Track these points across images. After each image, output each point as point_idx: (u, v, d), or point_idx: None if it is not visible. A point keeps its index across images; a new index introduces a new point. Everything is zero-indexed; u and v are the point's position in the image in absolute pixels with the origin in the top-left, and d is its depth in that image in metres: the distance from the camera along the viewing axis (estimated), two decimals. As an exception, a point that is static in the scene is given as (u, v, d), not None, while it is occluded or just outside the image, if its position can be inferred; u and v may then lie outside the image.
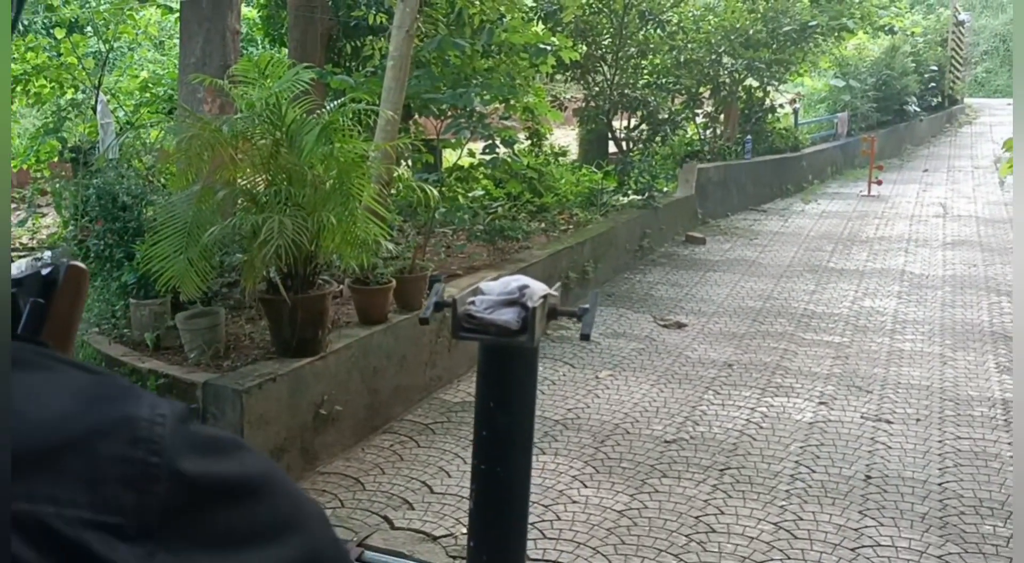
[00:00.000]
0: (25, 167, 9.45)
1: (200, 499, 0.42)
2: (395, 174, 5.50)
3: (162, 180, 5.32)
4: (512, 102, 7.75)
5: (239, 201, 4.48)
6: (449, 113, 7.43)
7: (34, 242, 7.31)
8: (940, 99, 20.95)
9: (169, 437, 0.42)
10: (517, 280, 1.03)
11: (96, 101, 8.56)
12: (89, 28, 9.77)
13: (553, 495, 3.93)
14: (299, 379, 4.13)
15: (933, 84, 19.86)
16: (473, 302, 1.01)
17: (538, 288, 1.03)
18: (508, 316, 0.97)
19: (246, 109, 4.30)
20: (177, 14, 7.68)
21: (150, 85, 10.18)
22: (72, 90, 9.52)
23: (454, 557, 3.48)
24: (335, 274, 4.97)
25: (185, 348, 4.33)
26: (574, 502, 3.88)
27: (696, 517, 3.74)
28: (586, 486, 4.03)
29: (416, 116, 7.58)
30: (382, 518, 3.76)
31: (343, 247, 4.18)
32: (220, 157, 4.16)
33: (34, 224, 6.99)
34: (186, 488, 0.41)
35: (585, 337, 1.05)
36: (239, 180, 4.35)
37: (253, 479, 0.44)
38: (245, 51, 9.62)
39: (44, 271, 0.64)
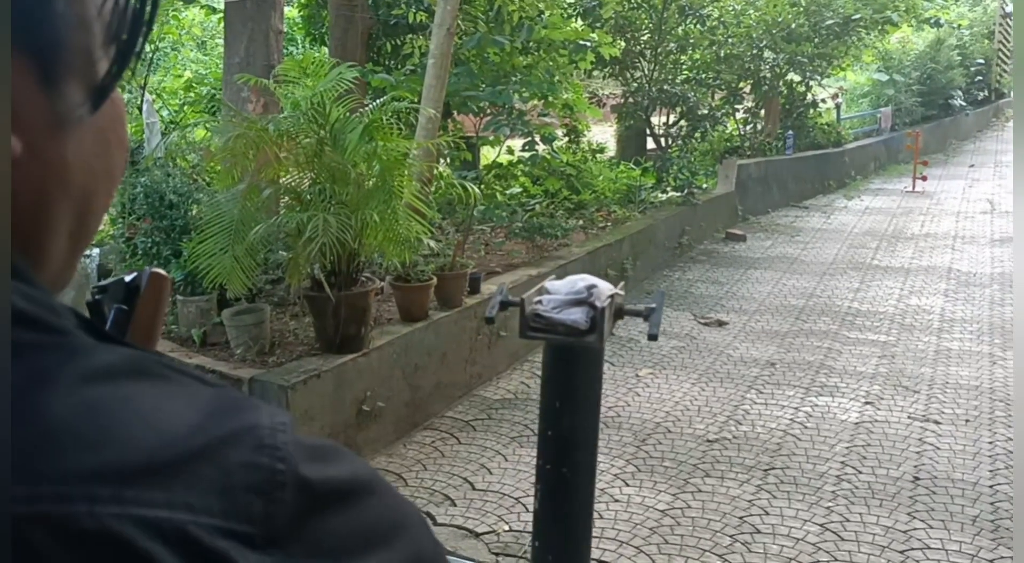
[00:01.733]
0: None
1: (319, 504, 0.43)
2: (435, 172, 5.52)
3: (207, 179, 5.40)
4: (551, 99, 7.73)
5: (284, 199, 4.54)
6: (488, 110, 7.44)
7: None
8: (986, 93, 20.49)
9: (291, 444, 0.42)
10: (584, 279, 1.03)
11: (142, 101, 8.71)
12: (134, 29, 9.90)
13: (595, 493, 3.92)
14: (342, 375, 4.17)
15: (979, 78, 19.43)
16: (540, 301, 1.01)
17: (605, 287, 1.03)
18: (576, 316, 0.97)
19: (290, 108, 4.35)
20: (220, 14, 7.79)
21: (194, 85, 10.33)
22: (118, 89, 9.68)
23: (497, 554, 3.49)
24: (377, 271, 5.00)
25: (231, 344, 4.39)
26: (616, 501, 3.86)
27: (740, 518, 3.71)
28: (628, 485, 4.01)
29: (455, 114, 7.60)
30: (425, 514, 3.78)
31: (386, 244, 4.21)
32: (265, 156, 4.21)
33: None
34: (308, 494, 0.42)
35: (653, 337, 1.04)
36: (284, 178, 4.40)
37: (362, 481, 0.45)
38: (286, 51, 9.72)
39: (127, 278, 0.65)
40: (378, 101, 4.79)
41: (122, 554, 0.37)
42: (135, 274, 0.66)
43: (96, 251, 6.36)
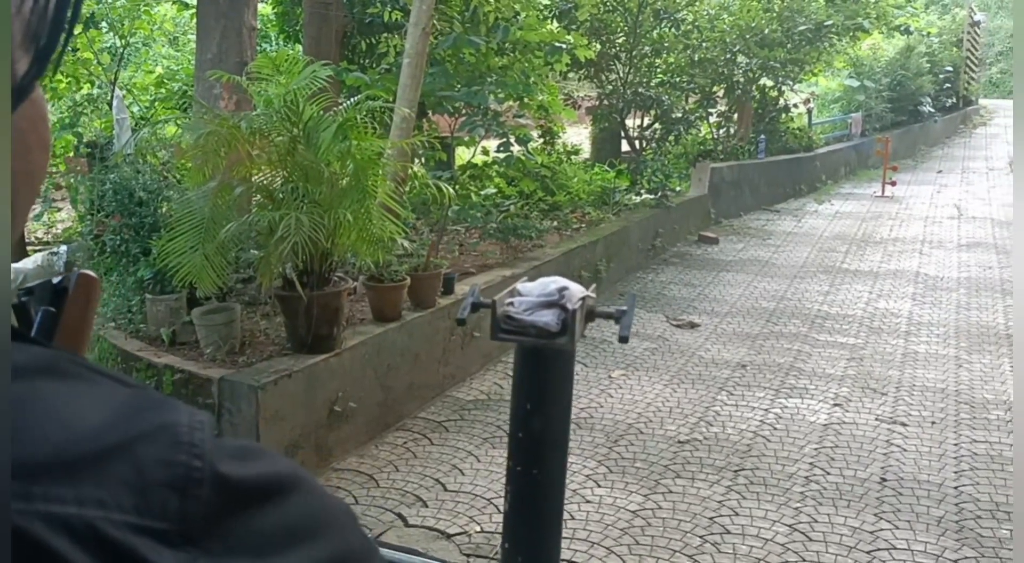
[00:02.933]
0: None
1: (239, 502, 0.42)
2: (410, 171, 5.50)
3: (178, 176, 5.34)
4: (526, 100, 7.74)
5: (256, 198, 4.50)
6: (463, 111, 7.43)
7: (49, 236, 7.35)
8: (955, 100, 20.83)
9: (209, 441, 0.42)
10: (556, 281, 1.03)
11: (112, 96, 8.59)
12: (105, 24, 9.80)
13: (567, 494, 3.92)
14: (314, 376, 4.14)
15: (948, 85, 19.74)
16: (512, 303, 1.01)
17: (577, 290, 1.03)
18: (548, 318, 0.97)
19: (263, 106, 4.31)
20: (193, 10, 7.71)
21: (165, 81, 10.22)
22: (88, 85, 9.58)
23: (468, 555, 3.48)
24: (350, 271, 4.98)
25: (201, 344, 4.34)
26: (588, 501, 3.88)
27: (710, 518, 3.73)
28: (600, 486, 4.03)
29: (430, 113, 7.58)
30: (396, 515, 3.77)
31: (359, 244, 4.19)
32: (237, 153, 4.17)
33: (49, 219, 7.04)
34: (226, 491, 0.42)
35: (624, 340, 1.05)
36: (256, 177, 4.36)
37: (285, 479, 0.45)
38: (260, 48, 9.64)
39: (55, 280, 0.64)
40: (352, 100, 4.77)
41: (31, 551, 0.36)
42: (63, 276, 0.65)
43: (64, 248, 6.26)
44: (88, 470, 0.39)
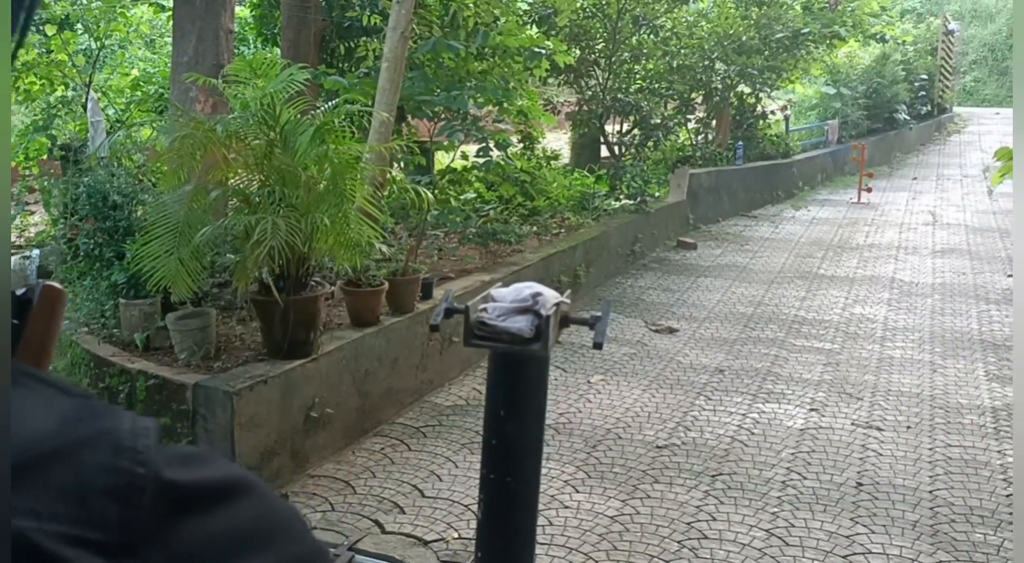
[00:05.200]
0: (14, 164, 9.37)
1: (184, 508, 0.41)
2: (388, 176, 5.48)
3: (153, 179, 5.28)
4: (506, 105, 7.74)
5: (232, 201, 4.46)
6: (443, 115, 7.41)
7: (22, 240, 7.25)
8: (929, 108, 21.09)
9: (153, 447, 0.41)
10: (529, 287, 1.02)
11: (87, 99, 8.49)
12: (80, 25, 9.70)
13: (545, 500, 3.92)
14: (290, 381, 4.11)
15: (923, 93, 19.98)
16: (485, 309, 1.00)
17: (551, 295, 1.02)
18: (521, 324, 0.96)
19: (240, 109, 4.28)
20: (169, 12, 7.64)
21: (141, 83, 10.12)
22: (62, 87, 9.46)
23: (445, 562, 3.46)
24: (327, 276, 4.94)
25: (175, 349, 4.29)
26: (566, 507, 3.87)
27: (688, 523, 3.74)
28: (578, 491, 4.02)
29: (409, 118, 7.56)
30: (373, 522, 3.74)
31: (336, 249, 4.16)
32: (213, 157, 4.13)
33: (22, 222, 6.94)
34: (170, 497, 0.41)
35: (598, 346, 1.04)
36: (232, 180, 4.33)
37: (234, 484, 0.44)
38: (237, 51, 9.58)
39: (19, 292, 0.63)
40: (331, 103, 4.74)
41: None
42: (26, 288, 0.64)
43: (36, 252, 6.18)
44: (25, 480, 0.38)
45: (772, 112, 13.60)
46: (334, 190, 4.17)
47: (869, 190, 13.08)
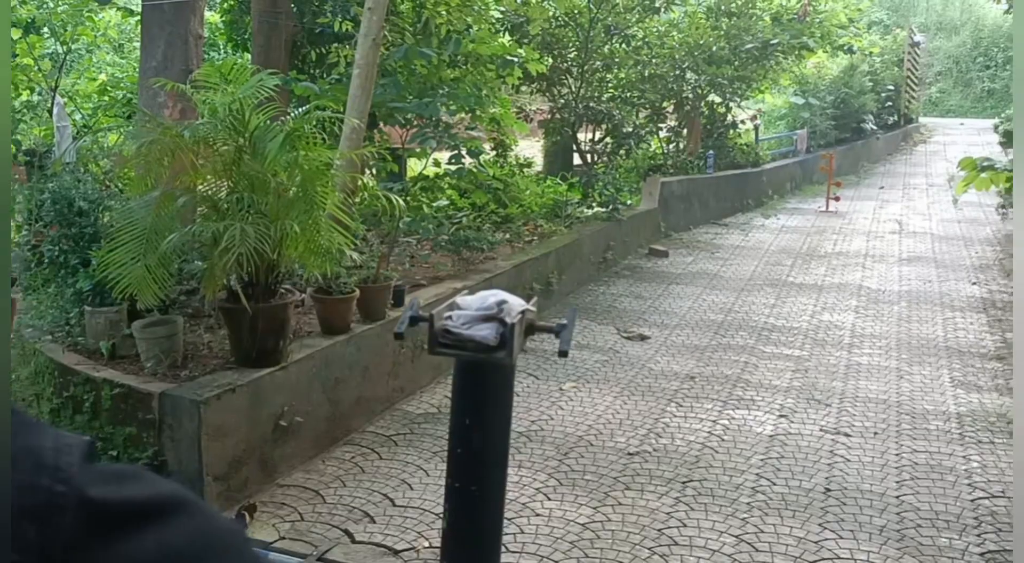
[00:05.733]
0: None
1: (109, 528, 0.40)
2: (360, 183, 5.45)
3: (120, 185, 5.21)
4: (478, 113, 7.74)
5: (200, 208, 4.41)
6: (415, 122, 7.40)
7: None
8: (896, 118, 21.43)
9: (77, 465, 0.39)
10: (495, 295, 1.01)
11: (53, 103, 8.37)
12: (46, 29, 9.56)
13: (516, 508, 3.91)
14: (259, 390, 4.06)
15: (889, 103, 20.31)
16: (450, 317, 0.99)
17: (516, 303, 1.02)
18: (486, 332, 0.95)
19: (208, 115, 4.24)
20: (138, 17, 7.56)
21: (109, 88, 9.99)
22: (27, 92, 9.32)
23: (416, 571, 3.44)
24: (297, 283, 4.90)
25: (142, 357, 4.23)
26: (537, 515, 3.86)
27: (659, 530, 3.74)
28: (549, 499, 4.01)
29: (381, 125, 7.53)
30: (343, 531, 3.71)
31: (306, 256, 4.13)
32: (181, 163, 4.09)
33: (-15, 228, 6.80)
34: (95, 517, 0.39)
35: (563, 354, 1.03)
36: (200, 186, 4.28)
37: (165, 500, 0.42)
38: (208, 56, 9.50)
39: None
40: (301, 109, 4.72)
41: None
42: None
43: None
44: None
45: (742, 121, 13.73)
46: (304, 197, 4.14)
47: (837, 199, 13.25)
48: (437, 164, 8.10)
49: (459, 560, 0.97)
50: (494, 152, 9.22)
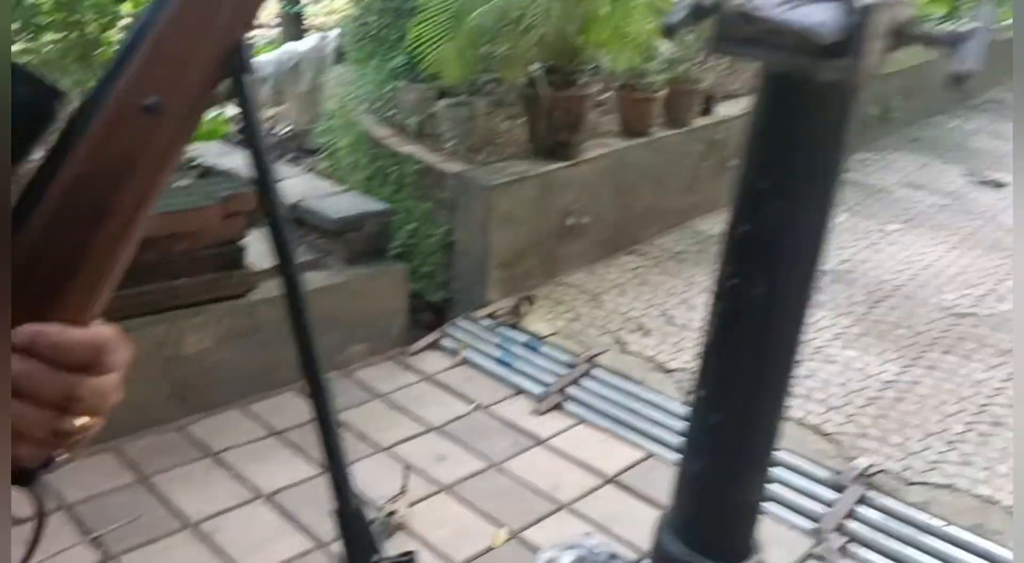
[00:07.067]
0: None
1: None
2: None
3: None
4: None
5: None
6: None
7: (332, 20, 7.55)
8: None
9: None
10: None
11: None
12: None
13: (808, 350, 3.49)
14: (549, 183, 3.92)
15: None
16: (757, -6, 0.60)
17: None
18: (821, 16, 0.56)
19: None
20: None
21: None
22: None
23: (688, 392, 3.22)
24: (601, 76, 4.57)
25: (443, 137, 4.24)
26: (831, 362, 3.42)
27: (982, 405, 3.15)
28: (849, 348, 3.53)
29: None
30: (615, 340, 3.56)
31: (612, 42, 3.75)
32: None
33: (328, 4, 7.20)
34: None
35: (957, 79, 0.60)
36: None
37: None
38: None
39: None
40: None
41: None
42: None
43: (334, 33, 6.38)
44: None
45: None
46: (619, -26, 3.70)
47: None
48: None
49: (722, 389, 0.66)
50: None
